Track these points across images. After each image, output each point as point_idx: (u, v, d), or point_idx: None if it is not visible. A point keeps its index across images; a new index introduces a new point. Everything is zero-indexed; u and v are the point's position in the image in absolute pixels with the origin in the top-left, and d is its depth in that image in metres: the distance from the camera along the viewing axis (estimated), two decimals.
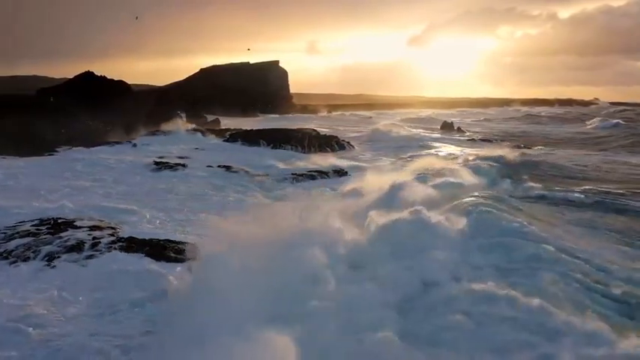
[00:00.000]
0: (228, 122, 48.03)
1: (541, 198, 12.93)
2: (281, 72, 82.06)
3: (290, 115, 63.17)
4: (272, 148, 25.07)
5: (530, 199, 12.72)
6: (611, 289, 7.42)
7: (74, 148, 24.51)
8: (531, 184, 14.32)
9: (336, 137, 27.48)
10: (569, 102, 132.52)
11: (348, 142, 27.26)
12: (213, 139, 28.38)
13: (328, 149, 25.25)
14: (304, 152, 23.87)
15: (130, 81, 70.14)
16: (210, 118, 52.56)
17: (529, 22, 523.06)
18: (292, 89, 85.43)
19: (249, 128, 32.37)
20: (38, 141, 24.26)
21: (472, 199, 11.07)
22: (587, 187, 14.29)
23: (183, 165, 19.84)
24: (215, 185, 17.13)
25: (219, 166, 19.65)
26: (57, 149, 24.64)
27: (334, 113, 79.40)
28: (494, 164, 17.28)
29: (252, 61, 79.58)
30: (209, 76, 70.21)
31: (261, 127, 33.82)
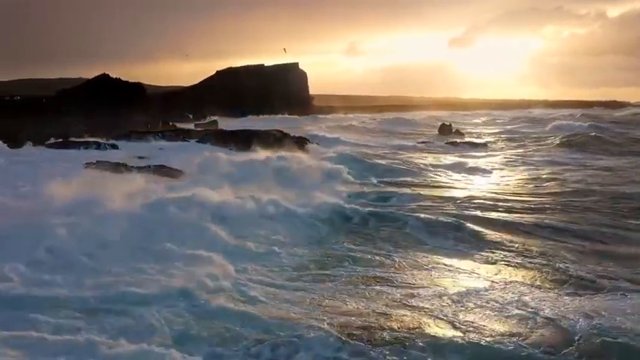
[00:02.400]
0: (231, 124, 48.18)
1: None
2: (300, 74, 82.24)
3: (290, 117, 62.78)
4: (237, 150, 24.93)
5: None
6: None
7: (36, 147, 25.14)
8: None
9: (303, 138, 27.16)
10: (612, 104, 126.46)
11: (309, 142, 26.89)
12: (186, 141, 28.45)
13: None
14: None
15: (170, 83, 71.84)
16: (212, 118, 53.21)
17: (576, 21, 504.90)
18: (329, 91, 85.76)
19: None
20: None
21: None
22: None
23: (125, 165, 19.85)
24: None
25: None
26: None
27: (349, 115, 78.74)
28: None
29: (282, 62, 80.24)
30: (225, 78, 71.10)
31: (246, 128, 33.75)
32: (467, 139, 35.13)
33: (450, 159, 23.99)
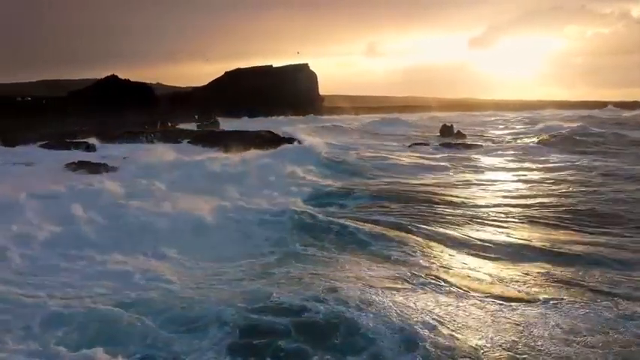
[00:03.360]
0: (234, 124, 48.36)
1: None
2: (310, 75, 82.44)
3: (295, 117, 62.74)
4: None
5: None
6: None
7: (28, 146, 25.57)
8: None
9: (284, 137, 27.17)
10: (630, 105, 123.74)
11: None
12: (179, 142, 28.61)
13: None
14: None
15: (190, 84, 72.38)
16: (216, 119, 53.40)
17: (600, 20, 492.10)
18: (346, 92, 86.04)
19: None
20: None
21: None
22: None
23: (105, 165, 20.04)
24: None
25: None
26: None
27: (362, 116, 78.53)
28: None
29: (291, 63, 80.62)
30: (233, 79, 71.59)
31: (241, 129, 33.85)
32: (459, 141, 34.57)
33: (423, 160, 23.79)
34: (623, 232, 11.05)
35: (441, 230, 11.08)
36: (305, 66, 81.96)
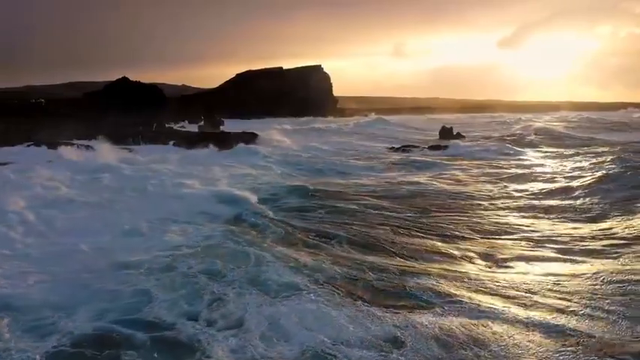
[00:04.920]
0: (237, 126, 48.65)
1: None
2: (322, 76, 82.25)
3: (298, 119, 62.61)
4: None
5: None
6: None
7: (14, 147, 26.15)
8: None
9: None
10: None
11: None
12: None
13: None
14: None
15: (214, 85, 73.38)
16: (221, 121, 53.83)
17: (634, 20, 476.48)
18: (373, 93, 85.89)
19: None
20: None
21: None
22: None
23: None
24: None
25: None
26: None
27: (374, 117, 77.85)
28: None
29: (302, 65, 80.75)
30: (244, 80, 72.01)
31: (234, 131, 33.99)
32: (452, 142, 34.02)
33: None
34: None
35: None
36: (318, 67, 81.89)
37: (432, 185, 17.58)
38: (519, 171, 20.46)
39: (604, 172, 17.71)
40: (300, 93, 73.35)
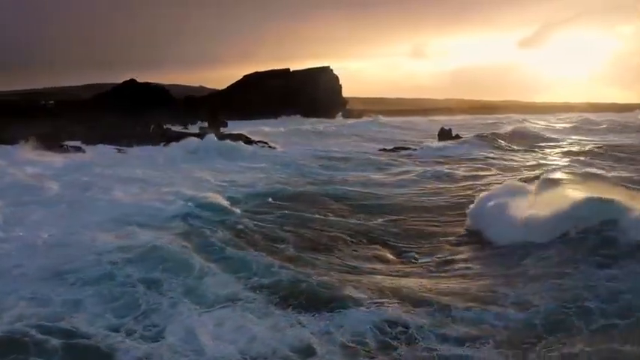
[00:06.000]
0: (240, 127, 48.76)
1: None
2: (331, 77, 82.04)
3: (307, 119, 62.55)
4: None
5: None
6: None
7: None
8: None
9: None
10: None
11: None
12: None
13: None
14: None
15: None
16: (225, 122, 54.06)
17: None
18: (390, 94, 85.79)
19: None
20: None
21: None
22: None
23: None
24: None
25: None
26: None
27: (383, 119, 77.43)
28: None
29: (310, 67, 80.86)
30: (251, 82, 72.15)
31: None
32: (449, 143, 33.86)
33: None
34: None
35: None
36: (326, 69, 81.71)
37: (400, 189, 17.48)
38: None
39: None
40: (307, 94, 73.24)
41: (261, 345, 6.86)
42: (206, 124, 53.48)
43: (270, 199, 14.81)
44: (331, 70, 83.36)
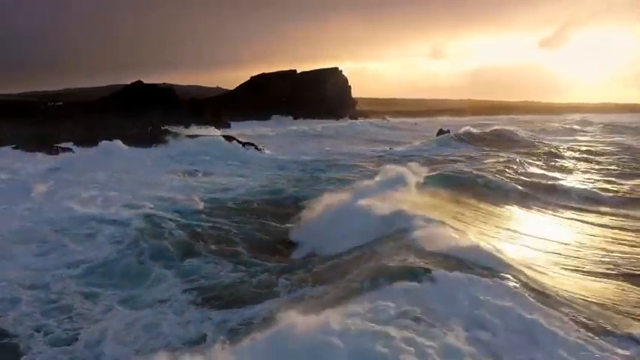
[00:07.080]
0: (242, 128, 49.01)
1: None
2: (340, 79, 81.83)
3: (312, 120, 62.43)
4: None
5: None
6: None
7: None
8: None
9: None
10: None
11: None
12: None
13: None
14: None
15: None
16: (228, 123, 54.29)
17: None
18: (409, 95, 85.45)
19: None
20: None
21: None
22: None
23: None
24: None
25: None
26: None
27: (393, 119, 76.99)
28: None
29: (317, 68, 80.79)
30: (258, 83, 72.28)
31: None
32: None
33: None
34: None
35: None
36: (334, 70, 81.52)
37: None
38: None
39: None
40: (315, 95, 73.13)
41: (161, 342, 6.92)
42: (207, 126, 53.82)
43: (231, 204, 14.67)
44: (340, 72, 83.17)
